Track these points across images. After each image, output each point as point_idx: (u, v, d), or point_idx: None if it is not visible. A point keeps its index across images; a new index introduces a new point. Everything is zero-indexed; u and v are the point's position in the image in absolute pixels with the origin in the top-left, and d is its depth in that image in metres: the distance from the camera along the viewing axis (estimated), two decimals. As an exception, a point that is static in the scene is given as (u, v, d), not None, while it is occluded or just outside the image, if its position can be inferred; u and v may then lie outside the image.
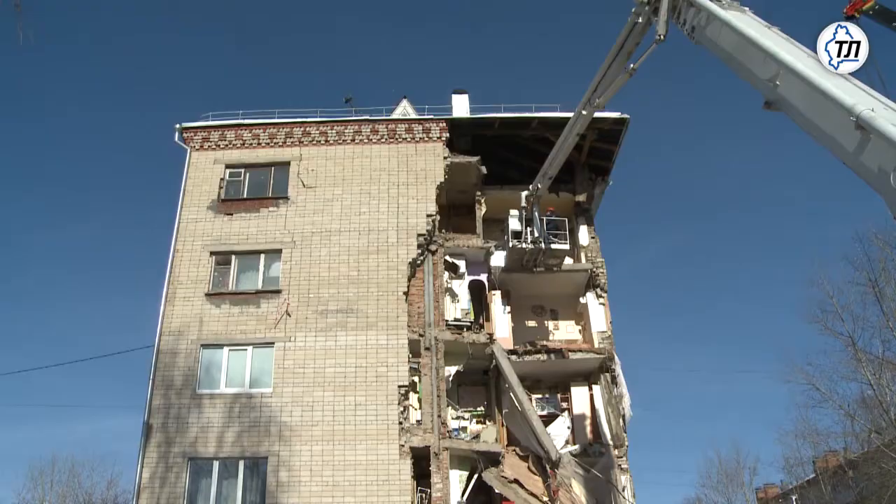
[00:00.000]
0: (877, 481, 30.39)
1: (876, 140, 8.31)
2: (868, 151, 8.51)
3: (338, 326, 22.00)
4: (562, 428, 23.78)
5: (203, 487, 21.00)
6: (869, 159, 8.53)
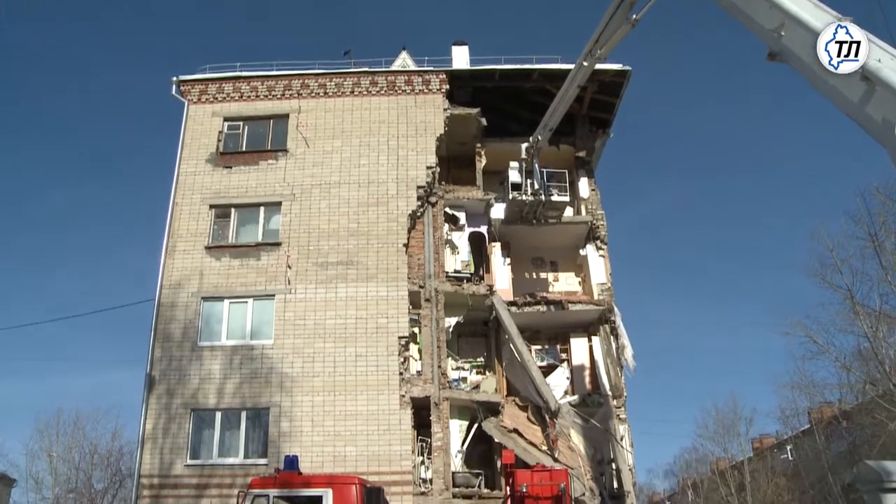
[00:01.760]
0: (869, 431, 30.77)
1: (881, 91, 8.28)
2: (873, 102, 8.48)
3: (338, 278, 22.06)
4: (561, 378, 23.99)
5: (206, 438, 21.22)
6: (873, 110, 8.49)
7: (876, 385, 28.27)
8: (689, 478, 52.04)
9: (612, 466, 22.38)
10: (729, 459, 45.79)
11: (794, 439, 44.27)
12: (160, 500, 20.30)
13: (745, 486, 41.30)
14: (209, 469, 20.57)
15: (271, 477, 10.95)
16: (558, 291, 25.06)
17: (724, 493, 42.96)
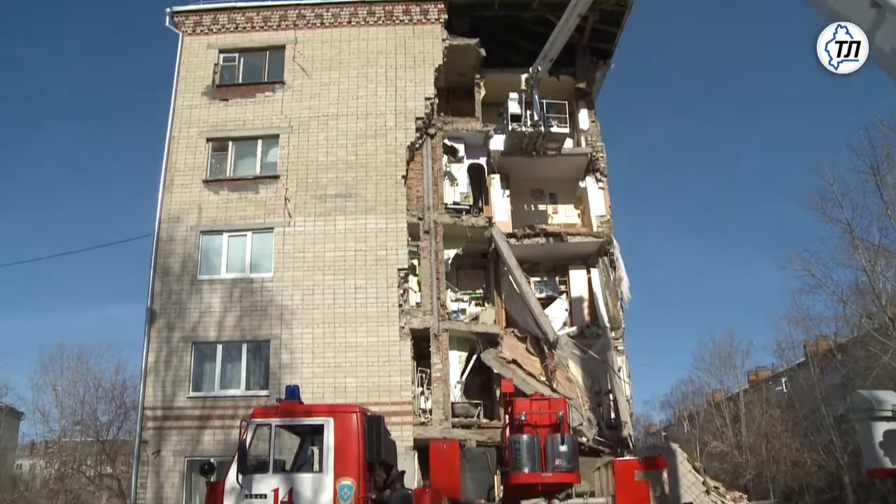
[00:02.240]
0: (863, 364, 31.02)
1: (892, 18, 8.07)
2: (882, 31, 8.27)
3: (337, 211, 21.99)
4: (559, 310, 24.10)
5: (207, 370, 21.41)
6: (882, 39, 8.29)
7: (872, 318, 28.42)
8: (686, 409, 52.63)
9: (609, 397, 22.62)
10: (725, 391, 46.29)
11: (789, 372, 44.71)
12: (164, 432, 20.57)
13: (740, 418, 41.83)
14: (211, 401, 20.80)
15: (273, 407, 10.99)
16: (557, 223, 25.00)
17: (719, 425, 43.53)
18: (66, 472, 37.36)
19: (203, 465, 10.14)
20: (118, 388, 37.74)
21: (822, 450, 35.04)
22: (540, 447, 9.90)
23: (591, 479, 12.57)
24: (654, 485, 10.25)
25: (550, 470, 9.83)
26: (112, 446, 36.21)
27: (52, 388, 39.76)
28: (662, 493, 10.28)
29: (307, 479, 9.85)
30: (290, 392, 10.73)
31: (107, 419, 37.47)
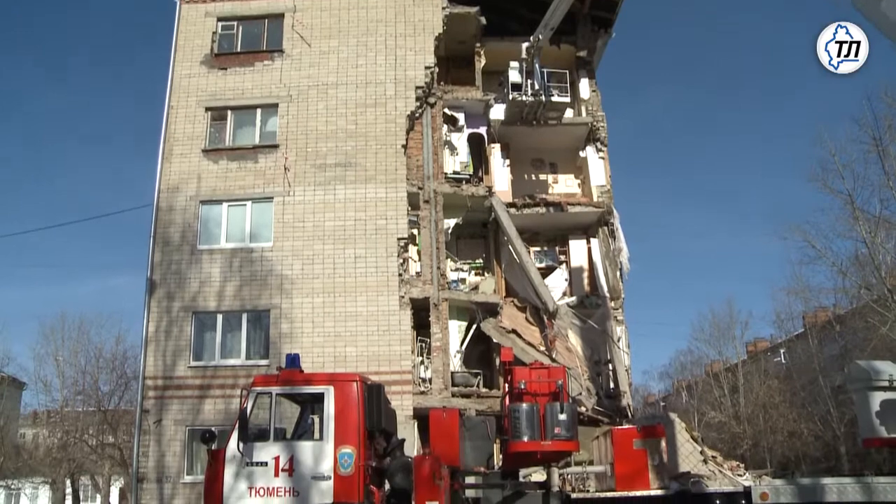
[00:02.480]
0: (861, 335, 31.08)
1: None
2: None
3: (336, 180, 21.93)
4: (559, 280, 24.12)
5: (208, 340, 21.48)
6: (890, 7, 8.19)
7: (871, 290, 28.37)
8: (684, 380, 52.82)
9: (608, 367, 22.71)
10: (723, 362, 46.38)
11: (787, 343, 44.81)
12: (165, 401, 20.68)
13: (739, 388, 41.96)
14: (212, 370, 20.90)
15: (273, 375, 11.01)
16: (557, 193, 24.94)
17: (717, 395, 43.66)
18: (68, 441, 37.58)
19: (204, 434, 10.20)
20: (119, 359, 37.86)
21: (819, 420, 35.21)
22: (539, 416, 9.90)
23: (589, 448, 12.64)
24: (652, 453, 10.29)
25: (549, 438, 9.84)
26: (114, 416, 36.38)
27: (54, 358, 39.89)
28: (660, 462, 10.32)
29: (308, 447, 9.91)
30: (291, 360, 10.75)
31: (108, 389, 37.64)
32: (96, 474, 40.14)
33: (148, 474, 20.25)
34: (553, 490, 10.08)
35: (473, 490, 10.47)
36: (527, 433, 9.83)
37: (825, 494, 9.56)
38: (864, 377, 11.10)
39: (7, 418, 40.91)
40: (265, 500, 9.62)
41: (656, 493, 9.94)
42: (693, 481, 9.87)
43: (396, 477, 9.96)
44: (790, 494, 9.65)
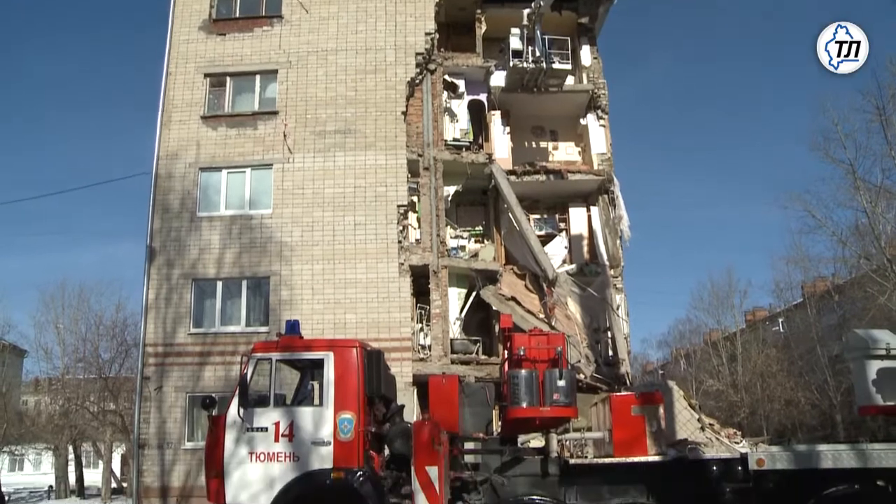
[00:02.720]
0: (860, 305, 31.08)
1: None
2: None
3: (336, 147, 21.86)
4: (559, 247, 24.11)
5: (207, 307, 21.54)
6: None
7: (870, 259, 28.34)
8: (683, 348, 52.99)
9: (607, 335, 22.77)
10: (722, 331, 46.47)
11: (786, 312, 44.88)
12: (165, 368, 20.80)
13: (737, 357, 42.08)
14: (212, 337, 21.00)
15: (273, 342, 11.02)
16: (558, 161, 24.87)
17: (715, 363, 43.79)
18: (70, 409, 37.78)
19: (205, 400, 10.22)
20: (119, 326, 37.92)
21: (816, 389, 35.35)
22: (538, 382, 9.92)
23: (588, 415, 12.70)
24: (650, 420, 10.33)
25: (548, 404, 9.87)
26: (115, 383, 36.53)
27: (54, 326, 39.98)
28: (658, 429, 10.37)
29: (308, 413, 9.96)
30: (291, 327, 10.77)
31: (109, 356, 37.74)
32: (98, 441, 40.37)
33: (149, 440, 20.42)
34: (551, 456, 10.14)
35: (472, 456, 10.51)
36: (525, 399, 9.86)
37: (821, 461, 9.62)
38: (861, 346, 11.15)
39: (9, 385, 41.14)
40: (265, 465, 9.67)
41: (654, 459, 10.00)
42: (690, 448, 9.93)
43: (396, 442, 10.01)
44: (786, 461, 9.71)
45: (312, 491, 9.63)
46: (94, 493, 40.04)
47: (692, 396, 19.98)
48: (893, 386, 10.64)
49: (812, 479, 9.61)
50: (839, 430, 33.51)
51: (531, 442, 11.38)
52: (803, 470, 9.66)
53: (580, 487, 10.19)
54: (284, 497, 9.49)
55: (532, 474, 10.25)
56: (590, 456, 11.28)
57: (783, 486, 9.72)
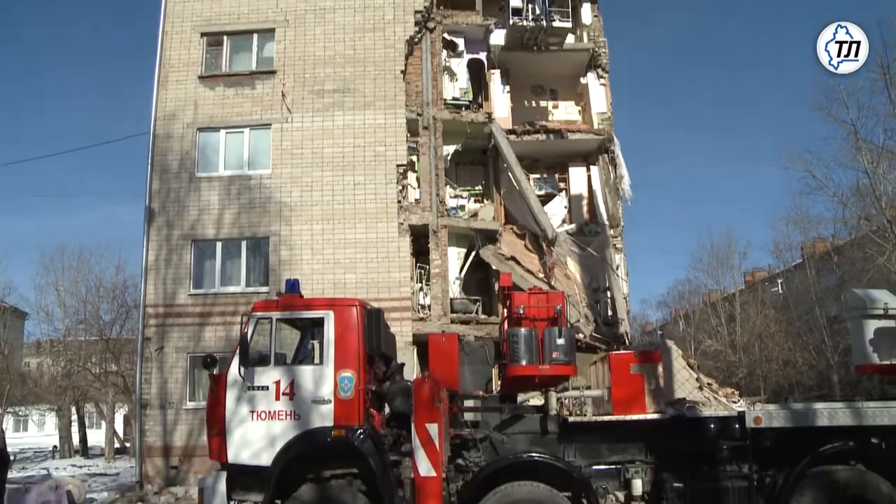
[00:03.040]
0: (859, 266, 31.08)
1: None
2: None
3: (335, 106, 21.73)
4: (559, 207, 24.10)
5: (207, 268, 21.59)
6: None
7: (870, 221, 28.25)
8: (682, 309, 53.10)
9: (607, 294, 22.85)
10: (721, 291, 46.57)
11: (785, 273, 44.91)
12: (166, 329, 20.92)
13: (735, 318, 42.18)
14: (212, 298, 21.07)
15: (273, 301, 11.00)
16: (558, 120, 24.77)
17: (714, 324, 43.90)
18: (72, 370, 37.99)
19: (206, 359, 10.20)
20: (119, 288, 38.00)
21: (814, 350, 35.47)
22: (537, 340, 9.92)
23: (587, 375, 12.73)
24: (648, 378, 10.34)
25: (547, 363, 9.87)
26: (116, 344, 36.71)
27: (54, 288, 40.03)
28: (657, 387, 10.38)
29: (308, 372, 9.96)
30: (291, 286, 10.73)
31: (109, 318, 37.89)
32: (100, 402, 40.66)
33: (151, 401, 20.60)
34: (551, 414, 10.17)
35: (472, 413, 10.55)
36: (525, 357, 9.86)
37: (817, 418, 9.67)
38: (860, 305, 11.13)
39: (11, 348, 41.31)
40: (266, 423, 9.71)
41: (652, 417, 10.04)
42: (688, 407, 9.97)
43: (396, 400, 10.04)
44: (783, 419, 9.76)
45: (313, 449, 9.67)
46: (97, 452, 40.41)
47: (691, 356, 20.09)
48: (890, 345, 10.66)
49: (808, 436, 9.67)
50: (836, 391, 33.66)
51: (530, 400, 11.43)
52: (800, 428, 9.71)
53: (579, 445, 10.25)
54: (285, 455, 9.53)
55: (531, 432, 10.29)
56: (589, 414, 11.31)
57: (780, 444, 9.78)
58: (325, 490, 9.66)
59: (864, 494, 9.43)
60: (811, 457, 9.55)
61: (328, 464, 9.84)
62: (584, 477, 9.82)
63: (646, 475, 10.04)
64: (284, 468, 9.54)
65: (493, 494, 9.48)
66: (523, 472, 9.77)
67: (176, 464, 20.21)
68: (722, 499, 9.58)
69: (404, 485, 9.60)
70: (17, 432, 50.33)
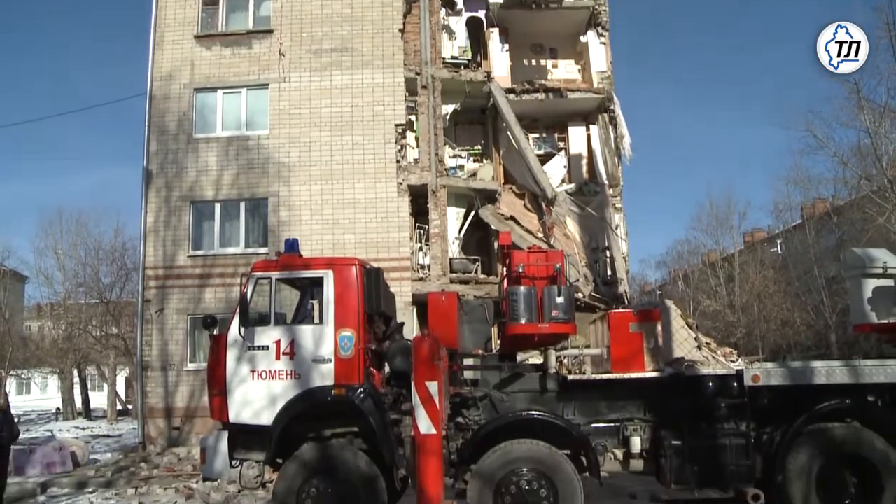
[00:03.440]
0: (858, 226, 31.05)
1: None
2: None
3: (332, 65, 21.57)
4: (558, 167, 24.02)
5: (206, 229, 21.61)
6: None
7: (871, 180, 28.17)
8: (681, 269, 53.21)
9: (606, 254, 22.83)
10: (720, 252, 46.65)
11: (784, 233, 44.92)
12: (166, 291, 20.99)
13: (734, 278, 42.29)
14: (211, 259, 21.11)
15: (273, 261, 10.98)
16: (557, 79, 24.55)
17: (713, 284, 44.01)
18: (73, 333, 38.14)
19: (206, 319, 10.19)
20: (118, 250, 38.04)
21: (812, 310, 35.57)
22: (537, 299, 9.91)
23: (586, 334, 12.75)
24: (647, 337, 10.34)
25: (547, 321, 9.87)
26: (116, 307, 36.83)
27: (54, 251, 40.10)
28: (656, 345, 10.41)
29: (308, 331, 9.96)
30: (290, 245, 10.69)
31: (109, 281, 37.97)
32: (102, 364, 40.86)
33: (152, 363, 20.73)
34: (550, 372, 10.20)
35: (471, 372, 10.59)
36: (524, 316, 9.86)
37: (814, 377, 9.69)
38: (859, 264, 11.12)
39: (11, 311, 41.43)
40: (267, 382, 9.73)
41: (651, 375, 10.07)
42: (687, 365, 10.00)
43: (396, 359, 10.04)
44: (781, 377, 9.78)
45: (314, 408, 9.71)
46: (100, 414, 40.70)
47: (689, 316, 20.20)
48: (888, 304, 10.68)
49: (805, 394, 9.70)
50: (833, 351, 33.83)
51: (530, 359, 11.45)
52: (797, 386, 9.74)
53: (578, 403, 10.29)
54: (286, 414, 9.57)
55: (531, 390, 10.32)
56: (588, 372, 11.36)
57: (777, 402, 9.83)
58: (326, 449, 9.73)
59: (859, 451, 9.50)
60: (808, 414, 9.60)
61: (329, 423, 9.90)
62: (584, 435, 9.88)
63: (644, 433, 10.10)
64: (285, 427, 9.59)
65: (493, 452, 9.54)
66: (523, 430, 9.82)
67: (178, 425, 20.39)
68: (719, 456, 9.64)
69: (405, 443, 9.65)
70: (20, 395, 50.65)
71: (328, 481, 9.56)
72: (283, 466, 9.78)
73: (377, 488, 9.58)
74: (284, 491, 9.58)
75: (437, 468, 7.78)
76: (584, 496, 9.58)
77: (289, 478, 9.61)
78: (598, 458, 9.78)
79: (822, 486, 9.47)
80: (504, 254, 11.33)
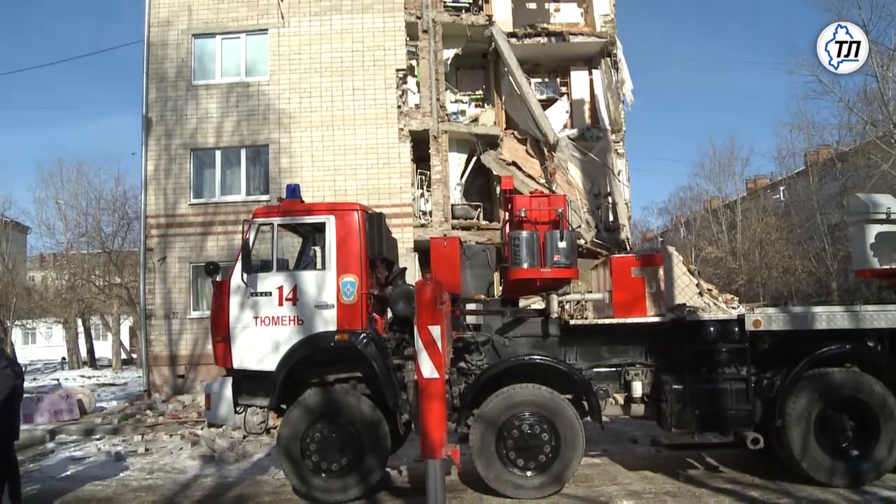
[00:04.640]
0: (862, 173, 30.93)
1: None
2: None
3: (332, 10, 21.28)
4: (560, 112, 23.83)
5: (207, 177, 21.53)
6: None
7: (876, 126, 27.93)
8: (683, 215, 53.26)
9: (608, 200, 22.75)
10: (723, 198, 46.62)
11: (787, 180, 44.78)
12: (168, 240, 21.00)
13: (736, 225, 42.31)
14: (213, 207, 21.08)
15: (274, 206, 10.93)
16: (560, 23, 24.13)
17: (715, 231, 44.07)
18: (76, 283, 38.22)
19: (208, 266, 10.16)
20: (119, 200, 37.95)
21: (814, 257, 35.62)
22: (539, 243, 9.90)
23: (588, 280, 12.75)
24: (649, 281, 10.33)
25: (549, 266, 9.87)
26: (118, 256, 36.83)
27: (55, 201, 40.04)
28: (657, 290, 10.40)
29: (310, 277, 9.97)
30: (291, 191, 10.63)
31: (111, 230, 37.93)
32: (106, 313, 41.11)
33: (155, 311, 20.82)
34: (552, 317, 10.22)
35: (474, 317, 10.61)
36: (526, 260, 9.85)
37: (815, 322, 9.71)
38: (862, 209, 11.08)
39: (14, 261, 41.49)
40: (270, 328, 9.77)
41: (653, 319, 10.09)
42: (688, 311, 10.01)
43: (398, 304, 10.06)
44: (782, 321, 9.80)
45: (317, 353, 9.76)
46: (105, 363, 41.04)
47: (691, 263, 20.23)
48: (890, 250, 10.68)
49: (806, 339, 9.74)
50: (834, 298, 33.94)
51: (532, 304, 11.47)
52: (798, 331, 9.77)
53: (580, 348, 10.34)
54: (289, 359, 9.62)
55: (533, 335, 10.37)
56: (590, 317, 11.38)
57: (777, 347, 9.88)
58: (330, 394, 9.81)
59: (858, 395, 9.57)
60: (808, 359, 9.64)
61: (332, 368, 9.97)
62: (585, 379, 9.94)
63: (645, 377, 10.17)
64: (289, 373, 9.66)
65: (496, 396, 9.61)
66: (525, 374, 9.90)
67: (182, 372, 20.58)
68: (720, 400, 9.70)
69: (407, 387, 9.71)
70: (26, 345, 51.02)
71: (332, 426, 9.66)
72: (286, 412, 9.86)
73: (380, 433, 9.68)
74: (288, 436, 9.68)
75: (441, 412, 7.82)
76: (585, 440, 9.68)
77: (293, 423, 9.70)
78: (599, 403, 9.86)
79: (821, 430, 9.57)
80: (506, 199, 11.27)
